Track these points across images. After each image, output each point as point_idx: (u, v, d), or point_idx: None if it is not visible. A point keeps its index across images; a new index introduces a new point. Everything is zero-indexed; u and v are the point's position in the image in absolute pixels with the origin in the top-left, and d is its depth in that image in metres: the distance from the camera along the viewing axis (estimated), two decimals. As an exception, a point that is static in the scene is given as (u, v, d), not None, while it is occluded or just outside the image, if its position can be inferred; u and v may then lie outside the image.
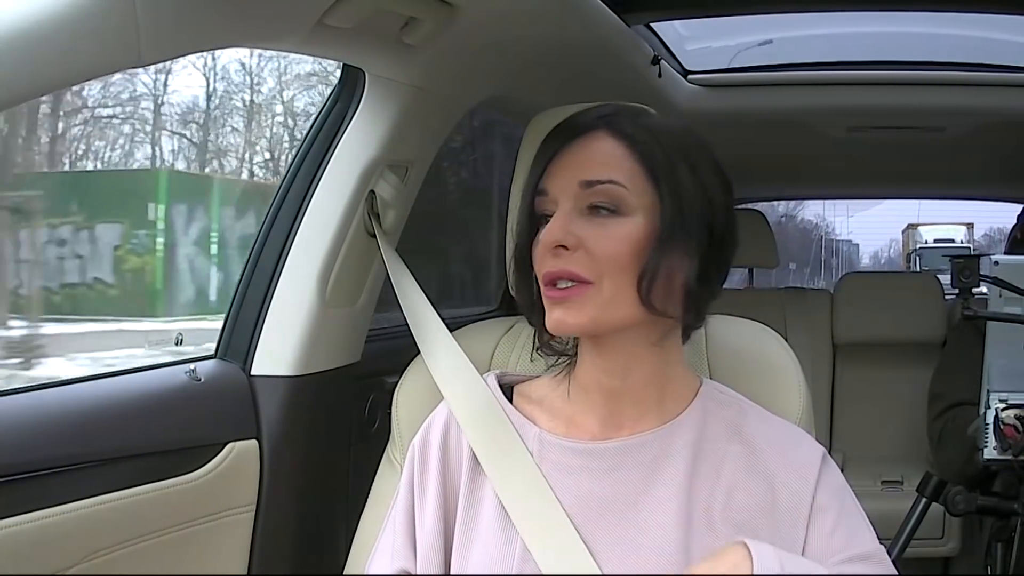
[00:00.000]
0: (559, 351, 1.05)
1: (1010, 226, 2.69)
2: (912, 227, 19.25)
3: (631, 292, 0.94)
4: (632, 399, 0.99)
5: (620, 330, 0.97)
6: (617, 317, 0.95)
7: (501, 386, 1.07)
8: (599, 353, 0.99)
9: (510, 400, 1.06)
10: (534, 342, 1.06)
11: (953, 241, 17.72)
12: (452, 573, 0.98)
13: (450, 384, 1.12)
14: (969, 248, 16.59)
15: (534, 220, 0.99)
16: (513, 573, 0.95)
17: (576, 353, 1.04)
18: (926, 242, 17.83)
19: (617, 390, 0.99)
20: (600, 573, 0.93)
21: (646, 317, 0.96)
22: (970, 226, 18.67)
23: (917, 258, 16.28)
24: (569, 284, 0.94)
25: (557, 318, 0.95)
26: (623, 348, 0.98)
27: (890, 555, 2.00)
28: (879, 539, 0.97)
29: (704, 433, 0.99)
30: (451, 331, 1.24)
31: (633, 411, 0.99)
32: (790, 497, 0.95)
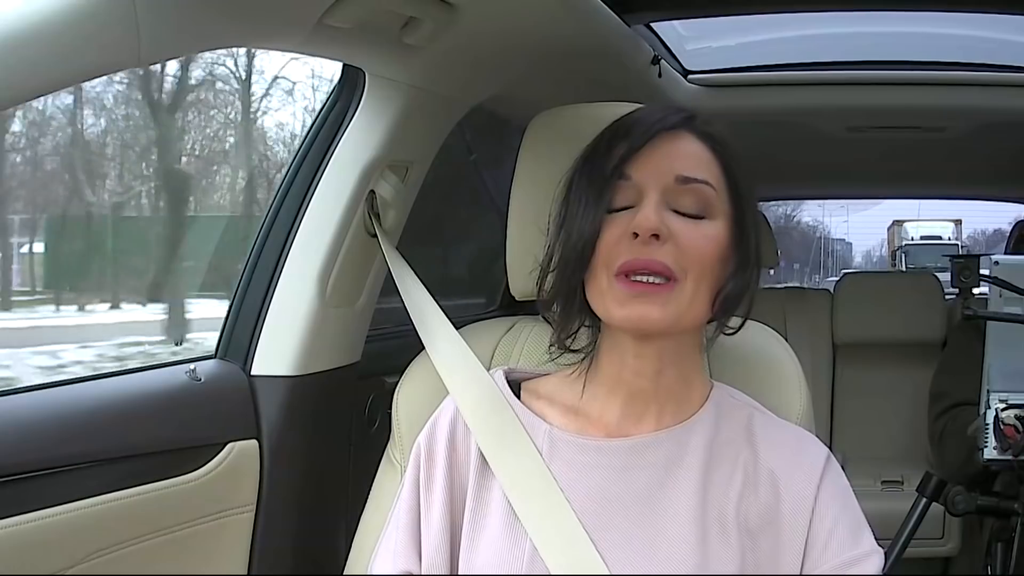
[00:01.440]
0: (574, 350, 1.03)
1: (994, 227, 2.70)
2: (898, 224, 18.61)
3: (707, 296, 0.95)
4: (655, 400, 0.99)
5: (682, 332, 0.97)
6: (690, 319, 0.95)
7: (509, 383, 1.06)
8: (639, 355, 0.97)
9: (518, 397, 1.04)
10: (552, 340, 1.04)
11: (940, 238, 17.30)
12: (459, 574, 0.97)
13: (455, 379, 1.11)
14: (957, 245, 16.26)
15: (603, 206, 0.95)
16: (522, 574, 0.94)
17: (592, 352, 1.02)
18: (912, 239, 17.47)
19: (643, 391, 0.99)
20: (610, 574, 0.92)
21: (704, 321, 0.98)
22: (958, 223, 18.29)
23: (903, 255, 15.83)
24: (651, 279, 0.92)
25: (639, 313, 0.92)
26: (667, 351, 0.97)
27: (890, 555, 2.01)
28: (879, 539, 0.97)
29: (718, 435, 0.98)
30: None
31: (651, 411, 0.99)
32: (793, 499, 0.95)
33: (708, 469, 0.96)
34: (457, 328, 1.25)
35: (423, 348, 1.23)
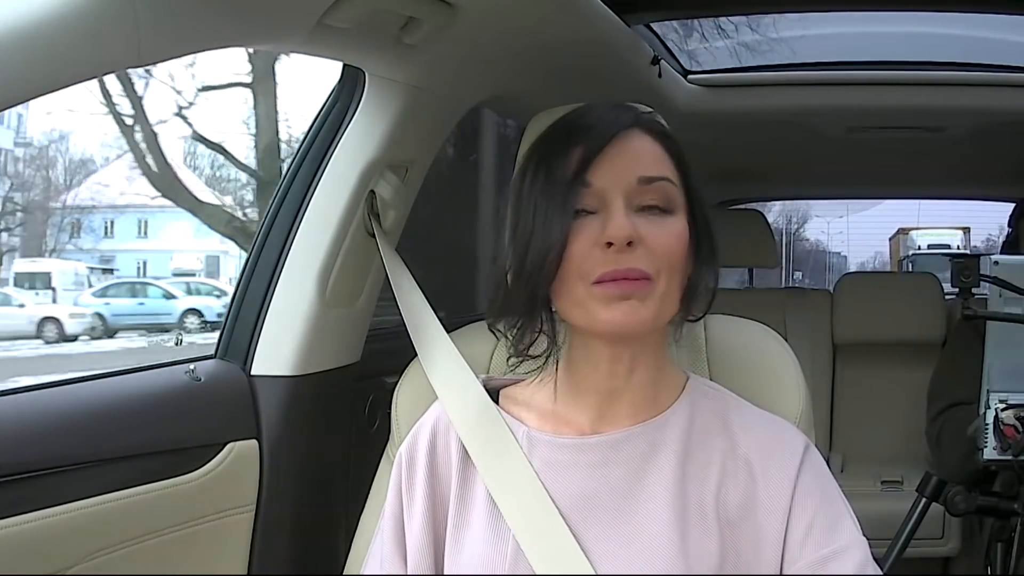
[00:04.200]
0: (534, 356, 1.02)
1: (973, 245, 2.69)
2: (903, 232, 18.12)
3: (678, 292, 0.96)
4: (628, 397, 0.99)
5: (654, 330, 0.97)
6: (666, 316, 0.96)
7: (488, 391, 1.07)
8: (614, 357, 0.97)
9: (496, 404, 1.05)
10: (511, 351, 1.02)
11: (949, 247, 16.89)
12: (445, 574, 0.98)
13: (446, 386, 1.12)
14: (967, 255, 15.92)
15: (568, 214, 0.94)
16: (506, 572, 0.95)
17: (555, 356, 1.01)
18: (919, 248, 17.16)
19: (616, 391, 0.99)
20: (592, 573, 0.93)
21: (675, 317, 0.98)
22: (967, 230, 18.00)
23: (910, 265, 15.55)
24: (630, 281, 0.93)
25: (620, 318, 0.92)
26: (639, 350, 0.98)
27: (890, 555, 2.01)
28: (879, 539, 0.97)
29: (693, 426, 0.99)
30: (450, 331, 1.24)
31: (626, 408, 0.99)
32: (772, 489, 0.95)
33: (685, 460, 0.97)
34: (456, 329, 1.25)
35: (422, 348, 1.23)
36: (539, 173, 0.96)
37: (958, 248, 16.89)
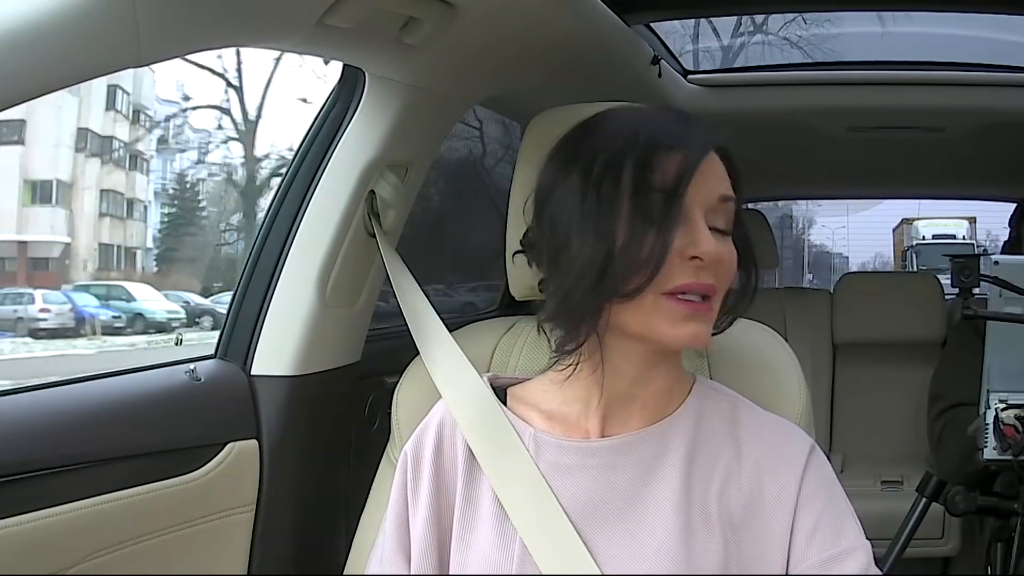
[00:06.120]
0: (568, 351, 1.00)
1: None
2: (907, 222, 17.58)
3: (720, 306, 0.97)
4: (642, 401, 0.99)
5: None
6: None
7: (494, 389, 1.06)
8: (646, 361, 0.98)
9: (504, 403, 1.05)
10: (550, 341, 1.01)
11: (954, 237, 16.81)
12: (451, 574, 0.98)
13: (449, 385, 1.11)
14: (972, 245, 15.81)
15: (672, 228, 0.91)
16: (512, 573, 0.95)
17: (576, 357, 1.00)
18: (923, 238, 17.06)
19: (631, 394, 0.99)
20: (599, 573, 0.93)
21: None
22: (972, 220, 17.79)
23: (914, 255, 15.46)
24: (697, 298, 0.93)
25: (691, 332, 0.93)
26: (663, 357, 0.98)
27: (890, 555, 2.00)
28: (879, 539, 0.97)
29: (700, 429, 0.99)
30: (451, 331, 1.24)
31: (637, 411, 0.99)
32: (777, 490, 0.95)
33: (691, 463, 0.97)
34: (457, 328, 1.25)
35: (422, 348, 1.23)
36: (622, 179, 0.92)
37: (964, 238, 16.68)
